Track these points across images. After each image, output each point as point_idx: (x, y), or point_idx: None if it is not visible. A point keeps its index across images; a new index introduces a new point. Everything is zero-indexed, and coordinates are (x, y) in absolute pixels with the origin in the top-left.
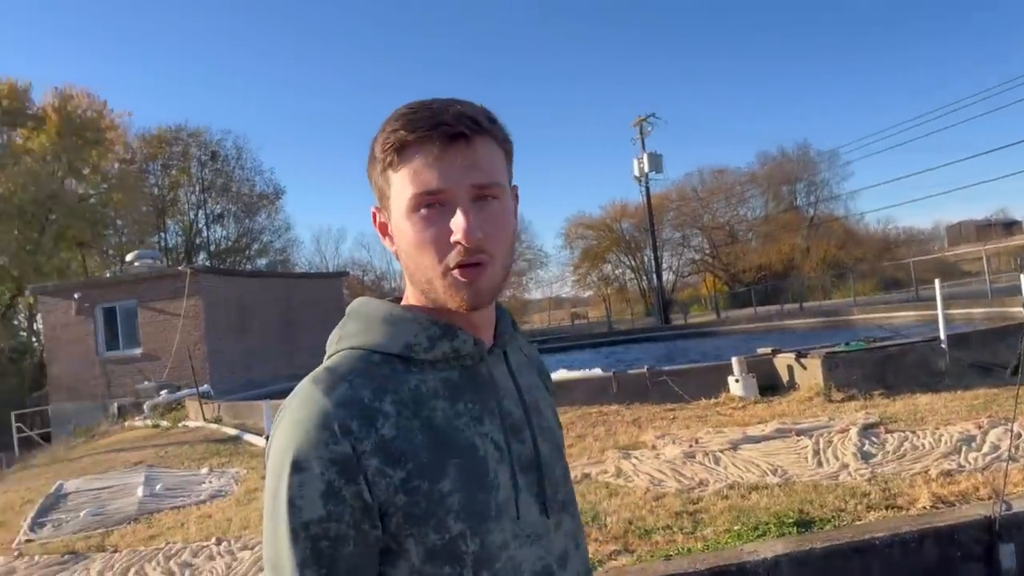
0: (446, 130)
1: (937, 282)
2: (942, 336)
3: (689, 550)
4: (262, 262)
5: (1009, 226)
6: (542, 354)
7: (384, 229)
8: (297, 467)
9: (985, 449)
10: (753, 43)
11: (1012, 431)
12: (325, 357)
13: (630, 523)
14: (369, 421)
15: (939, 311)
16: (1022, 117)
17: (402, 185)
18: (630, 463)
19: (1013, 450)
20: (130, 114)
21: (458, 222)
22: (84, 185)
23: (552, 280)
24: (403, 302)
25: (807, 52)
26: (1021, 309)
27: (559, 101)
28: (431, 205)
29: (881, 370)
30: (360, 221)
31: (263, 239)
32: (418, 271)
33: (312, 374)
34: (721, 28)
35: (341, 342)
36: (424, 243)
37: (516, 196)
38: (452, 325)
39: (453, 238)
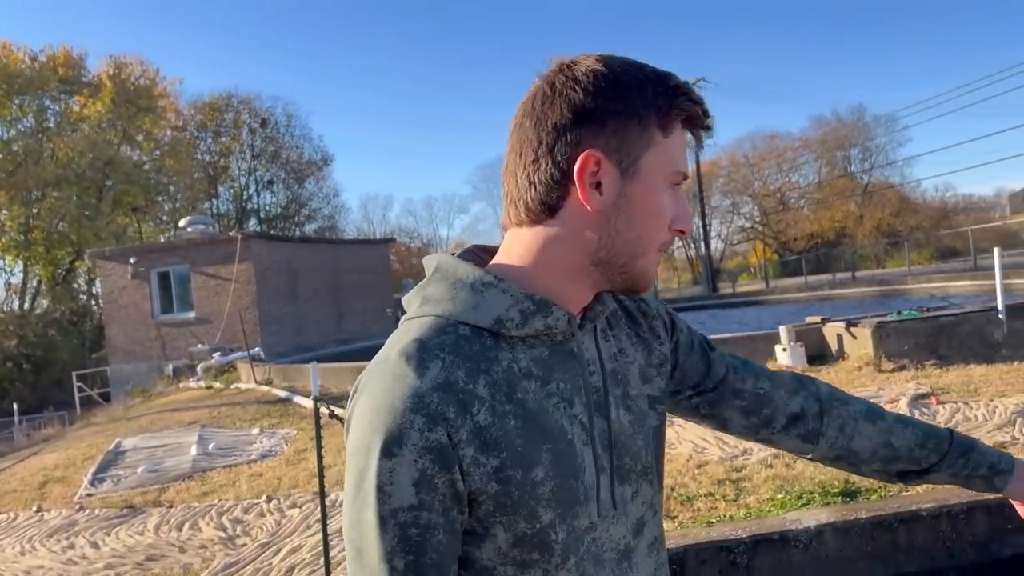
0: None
1: (996, 250)
2: (1000, 306)
3: (731, 517)
4: (311, 228)
5: None
6: None
7: (598, 180)
8: (388, 451)
9: None
10: (807, 4)
11: None
12: (403, 318)
13: (672, 490)
14: (464, 407)
15: (997, 280)
16: None
17: (666, 155)
18: (672, 430)
19: None
20: (181, 81)
21: (686, 213)
22: (138, 152)
23: None
24: (494, 262)
25: (864, 14)
26: None
27: None
28: (677, 186)
29: (934, 340)
30: (407, 188)
31: (311, 205)
32: (636, 240)
33: (399, 345)
34: None
35: (424, 306)
36: (663, 219)
37: None
38: (547, 300)
39: (677, 225)
